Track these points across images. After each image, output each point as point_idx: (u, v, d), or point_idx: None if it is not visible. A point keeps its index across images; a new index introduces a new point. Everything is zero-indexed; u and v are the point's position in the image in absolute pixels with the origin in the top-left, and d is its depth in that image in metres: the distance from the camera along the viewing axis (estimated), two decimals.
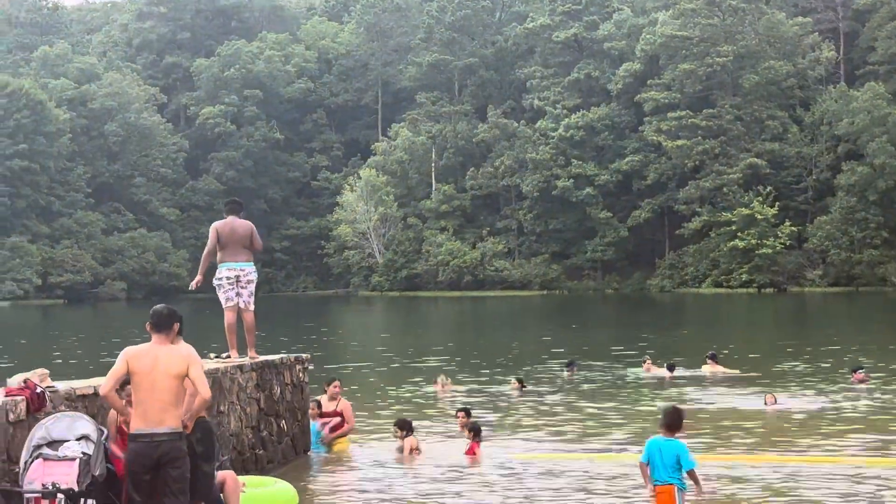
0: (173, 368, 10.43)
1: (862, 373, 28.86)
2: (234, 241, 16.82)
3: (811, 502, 14.39)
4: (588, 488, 15.60)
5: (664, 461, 12.09)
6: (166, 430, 10.33)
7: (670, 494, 12.03)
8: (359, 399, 28.12)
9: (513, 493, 15.40)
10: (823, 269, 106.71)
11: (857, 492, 14.97)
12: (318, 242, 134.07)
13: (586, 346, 43.96)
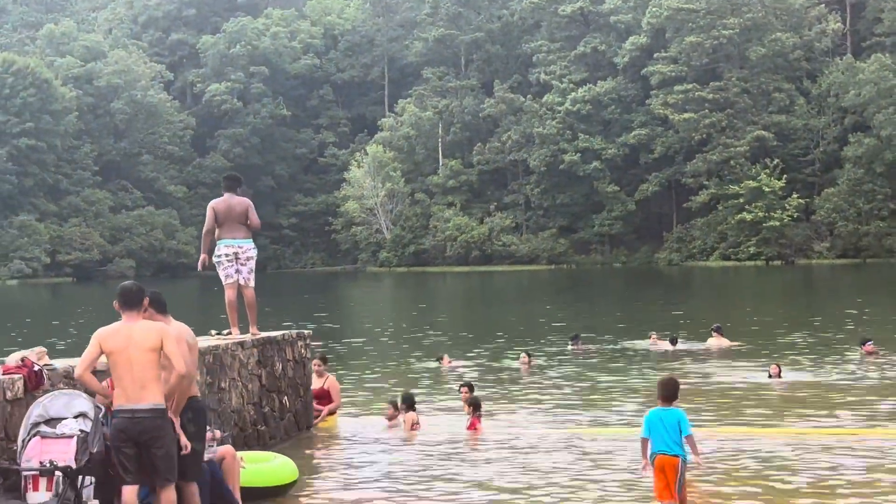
0: (147, 343, 10.34)
1: (871, 345, 28.83)
2: (232, 219, 16.83)
3: (815, 474, 14.39)
4: (589, 462, 15.64)
5: (667, 431, 11.93)
6: (147, 406, 10.26)
7: (675, 466, 11.88)
8: (364, 375, 28.23)
9: (513, 467, 15.43)
10: (831, 241, 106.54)
11: (860, 464, 14.99)
12: (326, 219, 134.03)
13: (593, 320, 44.01)
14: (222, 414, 15.26)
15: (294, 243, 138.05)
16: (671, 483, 11.88)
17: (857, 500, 12.86)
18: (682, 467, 11.89)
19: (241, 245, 16.91)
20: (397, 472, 15.32)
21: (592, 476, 14.68)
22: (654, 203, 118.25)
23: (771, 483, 13.91)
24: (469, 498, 13.61)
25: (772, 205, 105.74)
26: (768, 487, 13.67)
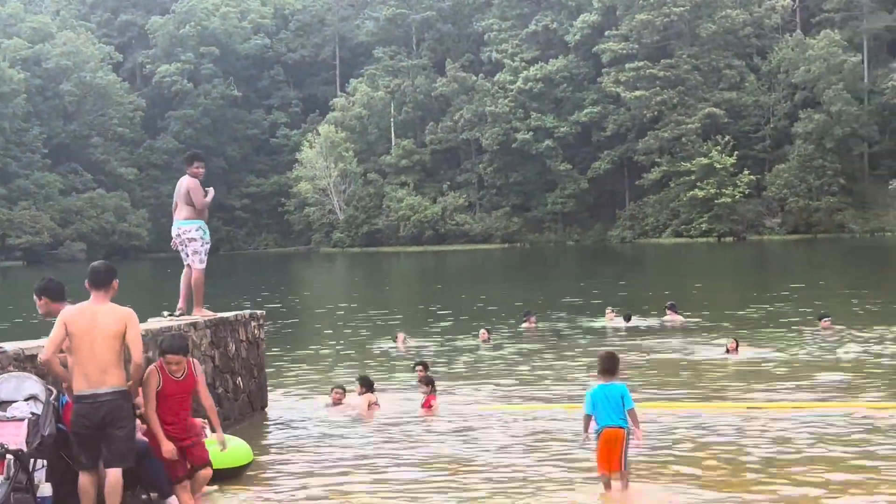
0: (111, 328, 10.29)
1: (828, 321, 29.03)
2: (179, 199, 16.76)
3: (765, 447, 14.49)
4: (543, 438, 15.67)
5: (611, 405, 12.17)
6: (109, 390, 10.23)
7: (619, 438, 12.11)
8: (318, 355, 28.16)
9: (466, 444, 15.48)
10: (782, 217, 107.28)
11: (810, 436, 15.10)
12: (279, 199, 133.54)
13: (547, 298, 44.06)
14: None
15: (247, 225, 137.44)
16: (615, 455, 12.09)
17: (802, 470, 12.97)
18: (626, 439, 12.10)
19: (181, 226, 16.79)
20: (351, 451, 15.31)
21: (545, 451, 14.73)
22: (606, 181, 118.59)
23: (720, 456, 13.99)
24: (423, 475, 13.61)
25: (723, 181, 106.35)
26: (717, 460, 13.75)
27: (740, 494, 11.98)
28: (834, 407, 17.58)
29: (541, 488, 12.77)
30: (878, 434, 15.12)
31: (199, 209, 16.76)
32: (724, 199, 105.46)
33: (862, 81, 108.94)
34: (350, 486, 13.22)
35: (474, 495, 12.46)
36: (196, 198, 16.61)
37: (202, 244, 16.87)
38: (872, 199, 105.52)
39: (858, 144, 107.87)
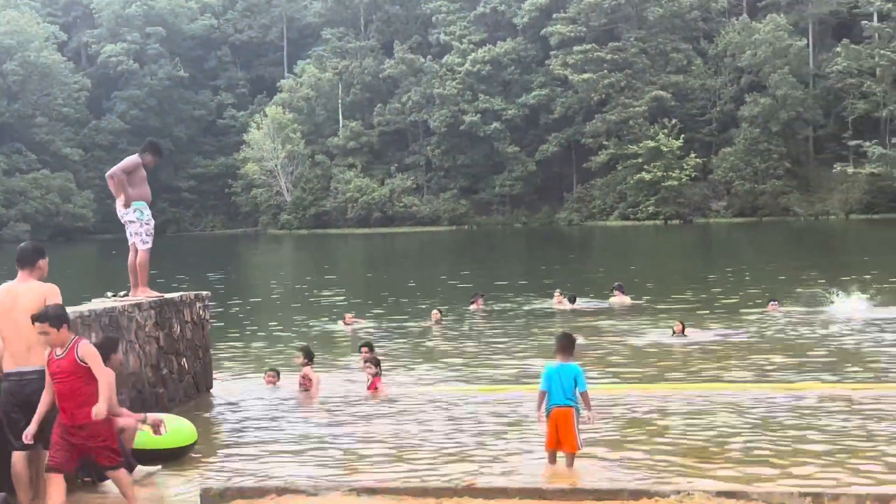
0: (31, 305, 10.18)
1: (775, 304, 29.26)
2: None
3: (715, 428, 14.59)
4: (490, 418, 15.71)
5: (563, 384, 12.39)
6: (34, 369, 10.12)
7: (568, 416, 12.33)
8: (264, 336, 28.10)
9: (412, 423, 15.48)
10: (728, 200, 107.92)
11: (763, 416, 15.22)
12: (226, 181, 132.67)
13: (495, 280, 44.12)
14: (119, 376, 15.01)
15: (193, 206, 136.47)
16: (564, 434, 12.29)
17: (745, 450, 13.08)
18: (576, 418, 12.29)
19: (118, 209, 16.73)
20: (296, 431, 15.30)
21: (492, 430, 14.78)
22: (554, 163, 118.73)
23: (667, 437, 14.08)
24: (368, 452, 13.62)
25: (670, 164, 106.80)
26: (664, 442, 13.84)
27: (682, 478, 12.04)
28: (780, 389, 17.72)
29: (485, 465, 12.81)
30: (824, 413, 15.26)
31: (112, 183, 16.60)
32: (671, 183, 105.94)
33: (807, 65, 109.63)
34: (295, 465, 13.22)
35: (419, 471, 12.47)
36: (117, 174, 16.49)
37: (141, 225, 16.75)
38: (817, 183, 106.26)
39: (803, 128, 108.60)
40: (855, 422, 14.61)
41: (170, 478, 12.65)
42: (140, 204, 16.74)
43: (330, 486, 10.48)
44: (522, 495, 9.77)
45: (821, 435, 13.87)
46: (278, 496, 10.24)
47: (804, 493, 9.43)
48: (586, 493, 9.82)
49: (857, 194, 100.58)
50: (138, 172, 16.67)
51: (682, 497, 9.29)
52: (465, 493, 9.60)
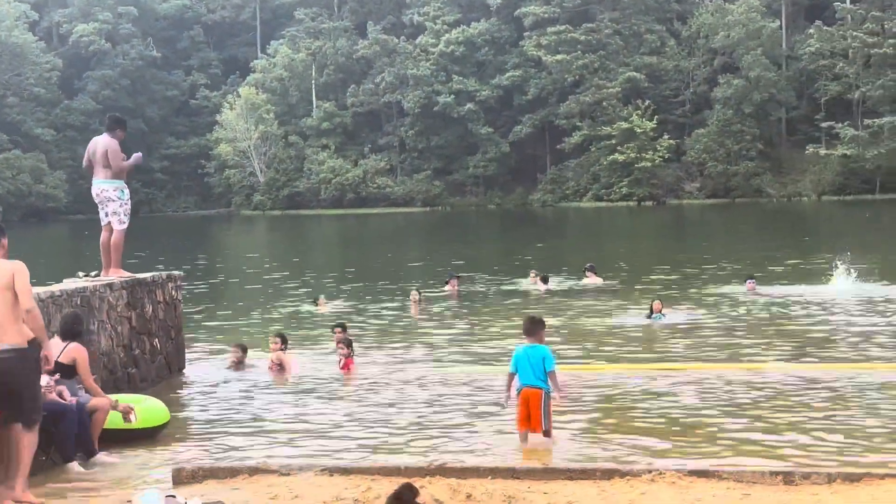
0: (0, 283, 10.10)
1: (753, 282, 29.32)
2: (96, 160, 16.65)
3: (687, 408, 14.63)
4: (462, 397, 15.73)
5: (532, 365, 12.52)
6: (8, 347, 10.01)
7: (538, 397, 12.46)
8: (237, 317, 28.04)
9: (383, 405, 15.48)
10: (701, 181, 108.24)
11: (734, 397, 15.27)
12: (199, 162, 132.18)
13: (470, 261, 44.12)
14: (91, 356, 14.96)
15: (166, 187, 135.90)
16: (534, 414, 12.42)
17: (719, 427, 13.13)
18: (545, 400, 12.43)
19: (98, 185, 16.68)
20: (268, 412, 15.30)
21: (465, 409, 14.80)
22: (527, 145, 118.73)
23: (638, 416, 14.12)
24: (339, 436, 13.61)
25: (643, 146, 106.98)
26: (637, 421, 13.88)
27: (654, 457, 12.08)
28: (753, 368, 17.78)
29: (458, 444, 12.84)
30: (796, 392, 15.33)
31: (115, 171, 16.63)
32: (644, 164, 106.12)
33: (780, 47, 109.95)
34: (268, 444, 13.23)
35: (392, 451, 12.49)
36: (115, 160, 16.51)
37: (121, 205, 16.76)
38: (790, 165, 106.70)
39: (776, 110, 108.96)
40: (826, 401, 14.68)
41: (141, 458, 12.62)
42: (121, 183, 16.76)
43: (302, 465, 10.47)
44: (495, 474, 9.78)
45: (792, 414, 13.93)
46: (250, 476, 10.23)
47: (775, 472, 9.47)
48: (559, 473, 9.84)
49: (829, 176, 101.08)
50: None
51: (654, 476, 9.32)
52: (438, 472, 9.60)
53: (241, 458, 12.32)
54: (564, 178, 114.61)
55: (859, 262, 31.35)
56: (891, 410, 13.96)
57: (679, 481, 9.15)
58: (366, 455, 12.35)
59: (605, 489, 9.19)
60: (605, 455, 11.98)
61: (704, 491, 8.84)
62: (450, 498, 8.81)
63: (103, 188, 16.68)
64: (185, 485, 10.21)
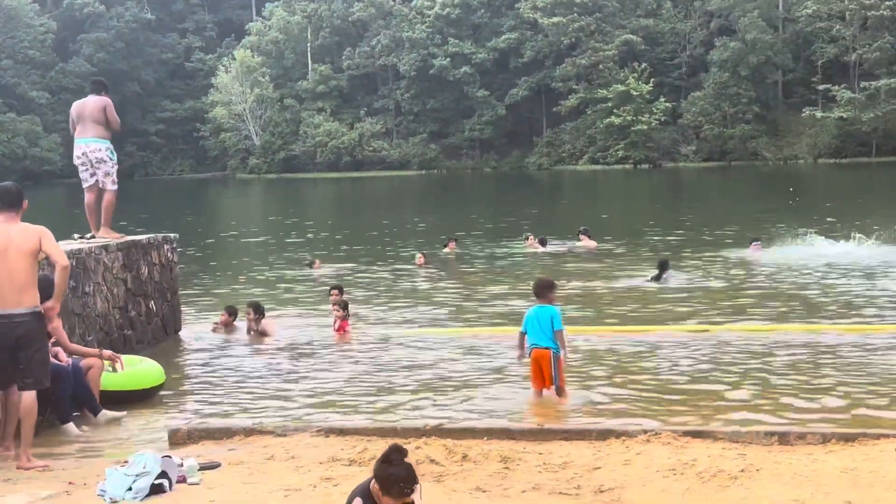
0: (26, 246, 10.12)
1: (757, 244, 29.22)
2: (84, 118, 16.59)
3: (684, 369, 14.65)
4: (456, 361, 15.73)
5: (541, 326, 12.71)
6: (25, 311, 10.06)
7: (547, 357, 12.68)
8: (234, 280, 28.04)
9: (378, 367, 15.49)
10: (697, 144, 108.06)
11: (731, 358, 15.29)
12: (194, 125, 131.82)
13: (467, 224, 44.09)
14: (86, 318, 15.01)
15: (162, 150, 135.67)
16: (545, 373, 12.67)
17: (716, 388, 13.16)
18: (554, 359, 12.62)
19: (88, 143, 16.61)
20: (264, 373, 15.31)
21: (460, 371, 14.82)
22: (523, 108, 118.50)
23: (635, 377, 14.15)
24: (334, 397, 13.63)
25: (639, 109, 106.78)
26: (633, 382, 13.91)
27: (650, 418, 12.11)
28: (750, 330, 17.79)
29: (454, 405, 12.87)
30: (792, 354, 15.34)
31: (115, 129, 16.64)
32: (641, 127, 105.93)
33: (777, 9, 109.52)
34: (264, 405, 13.24)
35: (387, 412, 12.51)
36: (113, 116, 16.51)
37: (112, 165, 16.74)
38: (786, 128, 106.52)
39: (773, 72, 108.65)
40: (824, 362, 14.69)
41: (138, 419, 12.64)
42: (110, 143, 16.76)
43: (298, 426, 10.49)
44: (491, 435, 9.80)
45: (788, 375, 13.94)
46: (246, 437, 10.25)
47: (770, 433, 9.49)
48: (554, 433, 9.86)
49: (825, 139, 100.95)
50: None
51: (649, 436, 9.34)
52: (434, 433, 9.62)
53: (237, 419, 12.33)
54: (560, 141, 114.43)
55: (866, 225, 31.33)
56: (887, 372, 13.97)
57: (674, 442, 9.17)
58: (361, 416, 12.36)
59: (601, 449, 9.21)
60: (601, 416, 12.00)
61: (700, 451, 8.85)
62: (445, 458, 8.83)
63: (97, 147, 16.63)
64: (181, 445, 10.23)
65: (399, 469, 6.04)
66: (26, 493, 8.73)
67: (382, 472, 6.05)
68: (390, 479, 5.99)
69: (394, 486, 5.99)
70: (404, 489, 6.01)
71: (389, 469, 6.04)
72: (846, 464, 8.29)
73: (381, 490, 6.02)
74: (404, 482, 6.01)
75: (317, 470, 8.79)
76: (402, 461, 6.08)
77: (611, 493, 7.78)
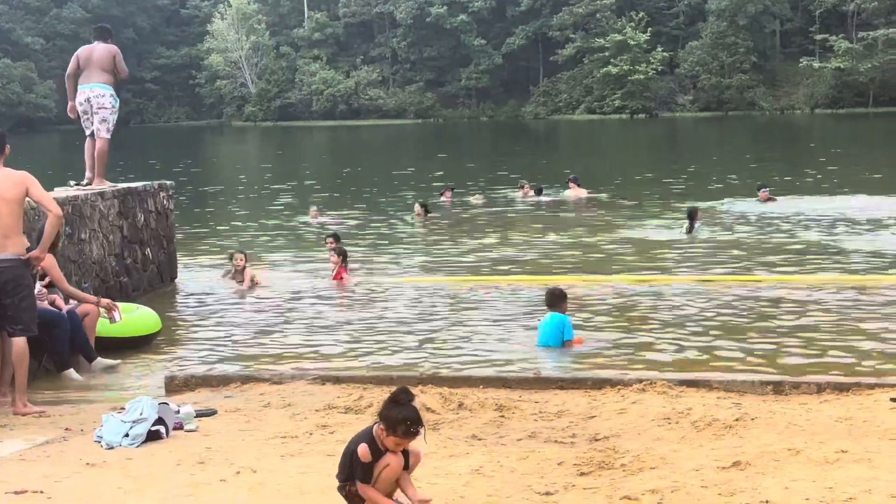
0: (10, 192, 10.01)
1: (766, 191, 29.03)
2: (91, 64, 16.49)
3: (680, 319, 14.69)
4: (452, 310, 15.78)
5: (552, 333, 12.95)
6: (9, 257, 9.99)
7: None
8: (232, 227, 28.03)
9: (376, 315, 15.53)
10: (694, 94, 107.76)
11: (727, 308, 15.33)
12: (189, 72, 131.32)
13: (463, 173, 44.06)
14: (83, 265, 15.02)
15: (157, 97, 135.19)
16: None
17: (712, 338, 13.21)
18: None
19: (93, 89, 16.50)
20: (261, 321, 15.35)
21: (457, 320, 14.87)
22: (520, 57, 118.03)
23: (631, 327, 14.19)
24: (331, 344, 13.67)
25: (636, 58, 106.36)
26: (629, 331, 13.96)
27: (645, 367, 12.15)
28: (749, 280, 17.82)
29: (451, 351, 12.92)
30: (787, 304, 15.38)
31: (123, 77, 16.58)
32: (637, 76, 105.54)
33: None
34: (260, 353, 13.29)
35: (384, 360, 12.56)
36: (122, 65, 16.47)
37: (111, 112, 16.67)
38: (783, 77, 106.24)
39: (770, 22, 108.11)
40: (821, 312, 14.70)
41: (134, 367, 12.67)
42: (114, 90, 16.70)
43: (294, 374, 10.52)
44: (486, 384, 9.82)
45: (785, 326, 13.97)
46: (242, 384, 10.27)
47: (766, 382, 9.52)
48: (550, 382, 9.89)
49: (822, 89, 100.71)
50: None
51: (645, 385, 9.36)
52: (430, 381, 9.64)
53: (234, 366, 12.37)
54: (557, 90, 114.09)
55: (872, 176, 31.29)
56: (883, 323, 13.99)
57: (669, 391, 9.19)
58: (358, 364, 12.41)
59: (596, 398, 9.24)
60: (597, 365, 12.04)
61: (695, 401, 8.88)
62: (441, 406, 8.86)
63: (101, 93, 16.54)
64: (177, 392, 10.26)
65: (407, 409, 6.09)
66: (23, 439, 8.76)
67: (389, 411, 6.10)
68: (397, 418, 6.05)
69: (400, 425, 6.04)
70: (410, 428, 6.06)
71: (397, 408, 6.10)
72: (840, 413, 8.33)
73: (385, 430, 6.08)
74: (411, 422, 6.06)
75: (313, 417, 8.82)
76: (410, 402, 6.14)
77: (605, 442, 7.81)
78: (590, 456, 7.36)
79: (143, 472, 7.40)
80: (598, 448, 7.62)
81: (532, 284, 17.42)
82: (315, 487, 6.81)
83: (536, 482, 6.84)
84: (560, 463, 7.25)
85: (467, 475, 7.05)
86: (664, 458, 7.20)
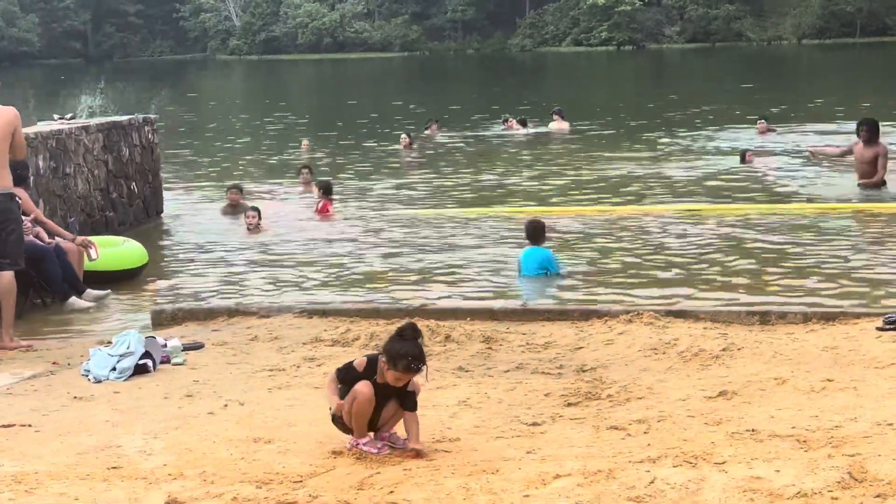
0: (1, 129, 9.97)
1: (764, 123, 28.93)
2: None
3: (666, 250, 14.70)
4: (441, 242, 15.78)
5: (537, 265, 12.84)
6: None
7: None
8: (219, 161, 27.98)
9: (362, 248, 15.52)
10: (681, 25, 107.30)
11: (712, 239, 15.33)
12: (173, 5, 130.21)
13: (449, 106, 43.94)
14: (68, 200, 14.97)
15: (141, 31, 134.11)
16: None
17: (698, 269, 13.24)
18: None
19: None
20: (247, 254, 15.33)
21: (445, 253, 14.89)
22: None
23: (617, 258, 14.21)
24: (318, 277, 13.68)
25: None
26: (615, 262, 13.98)
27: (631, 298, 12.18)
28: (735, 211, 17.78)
29: (437, 284, 12.96)
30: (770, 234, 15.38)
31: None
32: (624, 7, 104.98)
33: None
34: (247, 286, 13.29)
35: (371, 292, 12.58)
36: None
37: None
38: (770, 8, 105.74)
39: None
40: (808, 243, 14.67)
41: (121, 301, 12.67)
42: None
43: (281, 307, 10.50)
44: (474, 316, 9.82)
45: (771, 256, 13.98)
46: (229, 318, 10.26)
47: (752, 312, 9.54)
48: (537, 314, 9.89)
49: (809, 19, 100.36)
50: None
51: (632, 316, 9.37)
52: (417, 313, 9.64)
53: (220, 299, 12.35)
54: (543, 22, 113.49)
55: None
56: (872, 253, 14.01)
57: (656, 322, 9.20)
58: (344, 297, 12.41)
59: (583, 329, 9.25)
60: (584, 297, 12.05)
61: (682, 331, 8.89)
62: (429, 339, 8.85)
63: None
64: (164, 326, 10.25)
65: (410, 345, 6.11)
66: (10, 373, 8.75)
67: (393, 345, 6.11)
68: (399, 352, 6.06)
69: (402, 360, 6.05)
70: (411, 364, 6.07)
71: (400, 343, 6.11)
72: (826, 343, 8.34)
73: (387, 363, 6.09)
74: (413, 357, 6.07)
75: (300, 350, 8.83)
76: (415, 339, 6.15)
77: (593, 373, 7.83)
78: (577, 387, 7.38)
79: (131, 405, 7.41)
80: (586, 379, 7.64)
81: (517, 216, 17.39)
82: (303, 419, 6.82)
83: (524, 413, 6.86)
84: (547, 394, 7.27)
85: (454, 406, 7.07)
86: (651, 389, 7.23)
